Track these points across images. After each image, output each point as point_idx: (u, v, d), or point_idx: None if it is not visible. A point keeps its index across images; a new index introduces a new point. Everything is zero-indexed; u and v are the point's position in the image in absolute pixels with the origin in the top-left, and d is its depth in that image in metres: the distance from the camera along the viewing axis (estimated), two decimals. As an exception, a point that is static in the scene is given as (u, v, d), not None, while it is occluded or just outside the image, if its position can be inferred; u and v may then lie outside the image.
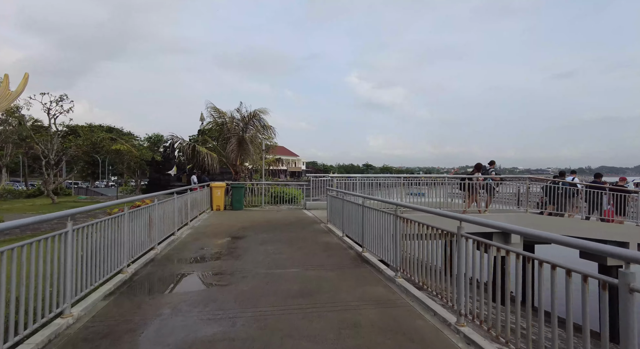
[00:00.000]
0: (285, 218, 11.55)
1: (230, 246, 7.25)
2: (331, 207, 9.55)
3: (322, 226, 9.92)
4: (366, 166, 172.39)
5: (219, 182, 14.16)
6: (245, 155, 16.13)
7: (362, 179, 12.19)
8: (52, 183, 20.50)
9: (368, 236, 6.26)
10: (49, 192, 20.27)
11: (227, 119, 16.37)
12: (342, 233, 8.16)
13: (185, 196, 9.44)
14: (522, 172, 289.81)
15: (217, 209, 13.83)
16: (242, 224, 10.12)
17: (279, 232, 8.89)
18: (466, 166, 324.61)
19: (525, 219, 10.58)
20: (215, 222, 10.62)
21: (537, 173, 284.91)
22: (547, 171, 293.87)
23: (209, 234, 8.59)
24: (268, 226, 9.92)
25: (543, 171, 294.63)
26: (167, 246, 7.06)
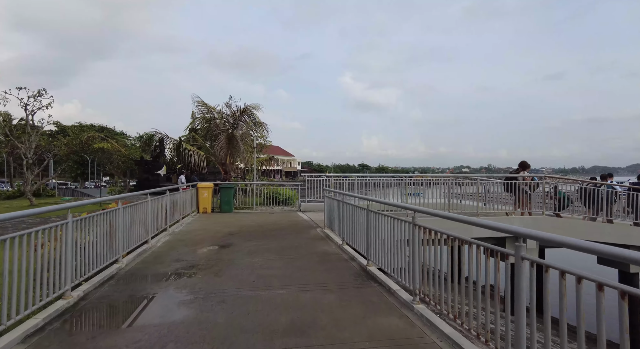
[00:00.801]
0: (278, 222, 10.48)
1: (212, 257, 6.18)
2: (329, 210, 8.50)
3: (318, 231, 8.86)
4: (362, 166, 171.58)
5: (205, 183, 13.06)
6: (236, 153, 15.03)
7: (361, 179, 11.14)
8: (30, 184, 19.21)
9: (374, 247, 5.22)
10: (27, 193, 19.01)
11: (216, 114, 15.25)
12: (341, 240, 7.11)
13: (164, 198, 8.34)
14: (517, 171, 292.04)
15: (203, 212, 12.72)
16: (230, 230, 9.03)
17: (270, 239, 7.82)
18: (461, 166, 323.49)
19: (542, 222, 9.61)
20: (199, 227, 9.52)
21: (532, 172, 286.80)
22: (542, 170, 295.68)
23: (189, 242, 7.50)
24: (258, 231, 8.85)
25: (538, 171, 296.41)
26: (135, 259, 5.97)
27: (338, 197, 7.74)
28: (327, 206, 8.70)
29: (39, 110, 18.94)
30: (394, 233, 4.57)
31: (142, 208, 6.78)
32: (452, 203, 10.01)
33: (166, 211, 8.51)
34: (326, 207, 8.77)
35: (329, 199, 8.46)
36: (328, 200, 8.58)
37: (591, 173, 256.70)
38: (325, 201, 8.79)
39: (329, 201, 8.52)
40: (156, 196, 7.85)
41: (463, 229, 3.84)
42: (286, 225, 9.87)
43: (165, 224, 8.50)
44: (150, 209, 7.13)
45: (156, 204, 7.71)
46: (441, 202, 10.63)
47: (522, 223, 9.48)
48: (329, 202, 8.44)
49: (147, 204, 7.01)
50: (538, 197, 10.18)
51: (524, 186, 9.65)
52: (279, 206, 15.14)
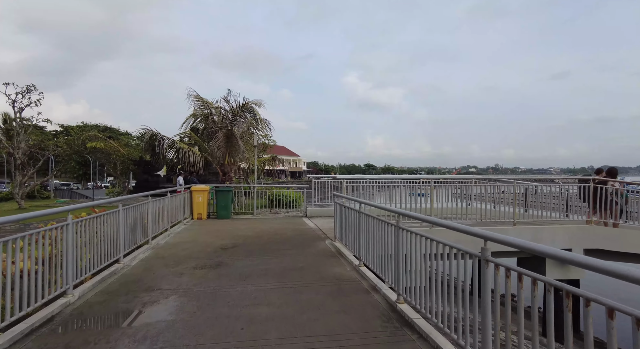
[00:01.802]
0: (281, 231, 9.12)
1: (192, 284, 4.83)
2: (340, 219, 7.12)
3: (327, 244, 7.50)
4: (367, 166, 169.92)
5: (200, 186, 11.74)
6: (235, 152, 13.69)
7: (381, 182, 9.70)
8: (19, 186, 18.06)
9: (409, 279, 3.84)
10: (15, 196, 17.86)
11: (214, 110, 13.91)
12: (357, 260, 5.75)
13: (144, 206, 7.01)
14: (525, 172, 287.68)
15: (198, 218, 11.41)
16: (223, 242, 7.69)
17: (269, 255, 6.47)
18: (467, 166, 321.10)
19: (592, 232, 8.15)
20: (189, 238, 8.19)
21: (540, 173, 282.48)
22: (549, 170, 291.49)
23: (171, 260, 6.16)
24: (257, 244, 7.50)
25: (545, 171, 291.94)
26: (95, 287, 4.64)
27: (352, 205, 6.37)
28: (338, 214, 7.33)
29: (27, 107, 17.78)
30: (448, 268, 3.19)
31: (110, 220, 5.46)
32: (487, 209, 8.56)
33: (148, 220, 7.18)
34: (337, 215, 7.39)
35: (341, 207, 7.08)
36: (339, 207, 7.20)
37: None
38: (336, 208, 7.41)
39: (340, 209, 7.14)
40: (129, 206, 6.54)
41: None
42: (290, 235, 8.51)
43: (147, 236, 7.18)
44: (123, 221, 5.80)
45: (132, 214, 6.39)
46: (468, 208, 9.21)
47: (568, 234, 8.04)
48: (341, 211, 7.06)
49: (118, 215, 5.68)
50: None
51: (612, 196, 8.15)
52: (283, 209, 13.78)
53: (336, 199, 7.51)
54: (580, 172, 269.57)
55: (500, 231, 7.81)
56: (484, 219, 8.40)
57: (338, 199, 7.48)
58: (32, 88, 17.80)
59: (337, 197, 7.51)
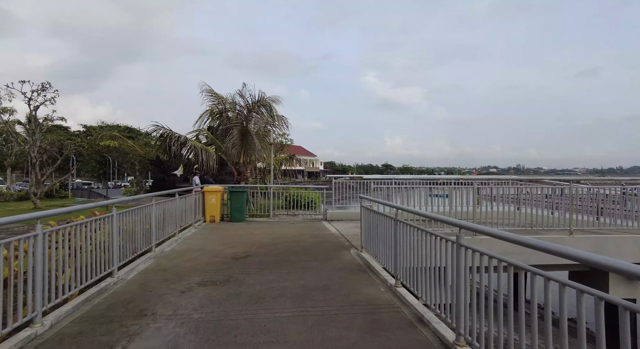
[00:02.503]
0: (300, 237, 8.20)
1: (193, 307, 3.95)
2: (369, 226, 6.13)
3: (352, 254, 6.52)
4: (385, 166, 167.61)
5: (213, 186, 10.96)
6: (250, 151, 12.86)
7: (414, 184, 8.62)
8: (34, 185, 17.80)
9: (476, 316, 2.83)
10: (30, 195, 17.59)
11: (228, 105, 13.11)
12: (392, 277, 4.76)
13: (146, 210, 6.20)
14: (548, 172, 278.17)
15: (211, 221, 10.62)
16: (234, 250, 6.83)
17: (286, 268, 5.54)
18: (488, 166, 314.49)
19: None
20: (197, 245, 7.36)
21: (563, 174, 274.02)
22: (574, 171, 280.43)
23: (173, 273, 5.31)
24: (272, 253, 6.60)
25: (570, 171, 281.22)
26: (76, 309, 3.81)
27: (383, 210, 5.39)
28: (365, 220, 6.33)
29: (42, 105, 17.49)
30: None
31: (102, 226, 4.65)
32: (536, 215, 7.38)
33: (150, 226, 6.38)
34: (364, 221, 6.40)
35: (369, 212, 6.09)
36: (367, 213, 6.21)
37: (631, 174, 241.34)
38: (363, 214, 6.42)
39: (368, 214, 6.14)
40: (121, 211, 5.74)
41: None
42: (310, 243, 7.58)
43: (150, 243, 6.38)
44: (117, 228, 4.98)
45: (131, 219, 5.59)
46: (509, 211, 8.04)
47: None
48: (369, 216, 6.07)
49: (112, 221, 4.87)
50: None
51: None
52: (301, 210, 12.93)
53: (363, 202, 6.52)
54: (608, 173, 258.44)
55: (555, 240, 6.66)
56: (534, 226, 7.24)
57: (365, 203, 6.49)
58: (47, 86, 17.51)
59: (364, 200, 6.52)
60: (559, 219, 7.21)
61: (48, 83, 17.46)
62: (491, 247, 3.45)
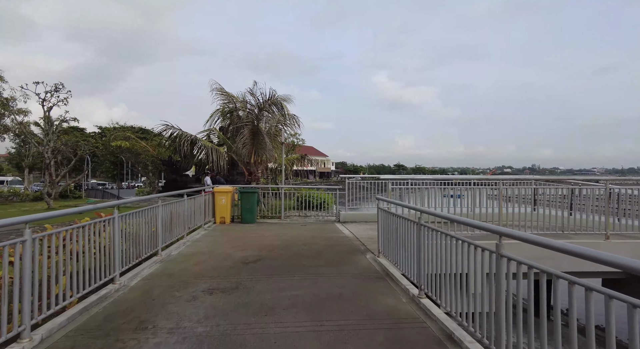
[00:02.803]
0: (312, 240, 7.84)
1: (198, 318, 3.62)
2: (387, 230, 5.73)
3: (369, 259, 6.13)
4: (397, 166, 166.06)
5: (223, 187, 10.68)
6: (261, 150, 12.56)
7: (434, 185, 8.15)
8: (48, 186, 17.89)
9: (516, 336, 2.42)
10: (44, 195, 17.67)
11: (239, 104, 12.82)
12: (414, 287, 4.36)
13: (151, 212, 5.92)
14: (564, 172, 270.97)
15: (221, 222, 10.35)
16: (244, 253, 6.51)
17: (299, 275, 5.19)
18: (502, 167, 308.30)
19: None
20: (206, 248, 7.05)
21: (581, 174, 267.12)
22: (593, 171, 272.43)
23: (179, 279, 5.01)
24: (283, 257, 6.25)
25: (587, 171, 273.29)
26: (71, 320, 3.51)
27: (402, 212, 4.99)
28: (383, 222, 5.93)
29: (55, 106, 17.55)
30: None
31: (102, 230, 4.37)
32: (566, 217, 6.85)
33: (156, 228, 6.10)
34: (382, 224, 6.00)
35: (387, 214, 5.68)
36: (385, 215, 5.80)
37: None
38: (380, 216, 6.01)
39: (386, 217, 5.74)
40: (142, 207, 5.46)
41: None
42: (323, 246, 7.21)
43: (156, 246, 6.10)
44: (119, 232, 4.69)
45: (135, 221, 5.31)
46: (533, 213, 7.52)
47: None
48: (387, 219, 5.66)
49: (114, 224, 4.59)
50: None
51: None
52: (312, 211, 12.54)
53: (380, 204, 6.11)
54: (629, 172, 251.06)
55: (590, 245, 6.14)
56: (565, 230, 6.72)
57: (382, 204, 6.09)
58: (60, 87, 17.57)
59: (380, 201, 6.12)
60: (593, 223, 6.67)
61: (61, 84, 17.54)
62: (521, 252, 3.12)
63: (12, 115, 18.47)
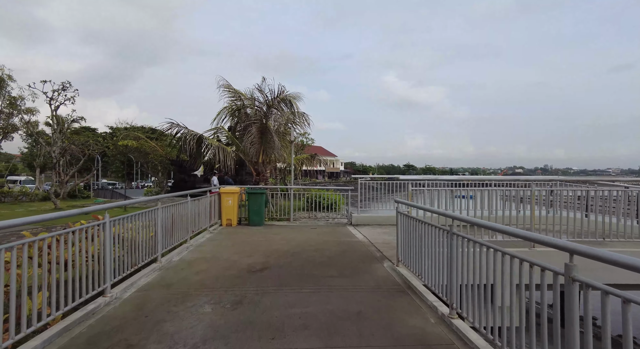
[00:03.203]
0: (324, 245, 7.31)
1: (193, 343, 3.11)
2: (407, 237, 5.16)
3: (387, 268, 5.57)
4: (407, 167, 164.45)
5: (230, 187, 10.21)
6: (270, 149, 12.07)
7: (461, 186, 7.54)
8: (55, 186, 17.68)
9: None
10: (50, 195, 17.48)
11: (246, 101, 12.34)
12: (444, 305, 3.79)
13: (148, 215, 5.45)
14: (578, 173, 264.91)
15: (227, 224, 9.88)
16: (251, 260, 6.00)
17: (310, 287, 4.66)
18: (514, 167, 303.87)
19: None
20: (210, 253, 6.57)
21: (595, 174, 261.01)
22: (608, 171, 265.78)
23: (177, 291, 4.52)
24: (293, 265, 5.72)
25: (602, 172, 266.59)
26: (47, 344, 3.04)
27: (424, 215, 4.43)
28: (403, 228, 5.36)
29: (62, 104, 17.34)
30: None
31: (91, 237, 3.90)
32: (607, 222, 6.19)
33: (155, 233, 5.64)
34: (401, 230, 5.42)
35: (408, 220, 5.11)
36: (405, 220, 5.23)
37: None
38: (400, 221, 5.44)
39: (406, 222, 5.17)
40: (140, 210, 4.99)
41: None
42: (335, 252, 6.66)
43: (155, 253, 5.62)
44: (109, 239, 4.21)
45: (130, 225, 4.84)
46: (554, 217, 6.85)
47: None
48: (408, 225, 5.09)
49: (105, 228, 4.12)
50: None
51: None
52: (322, 212, 12.02)
53: (399, 207, 5.54)
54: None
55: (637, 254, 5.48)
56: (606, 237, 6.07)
57: (402, 208, 5.52)
58: (68, 85, 17.35)
59: (400, 205, 5.55)
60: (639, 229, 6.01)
61: (68, 82, 17.34)
62: (549, 259, 2.65)
63: (20, 114, 18.32)
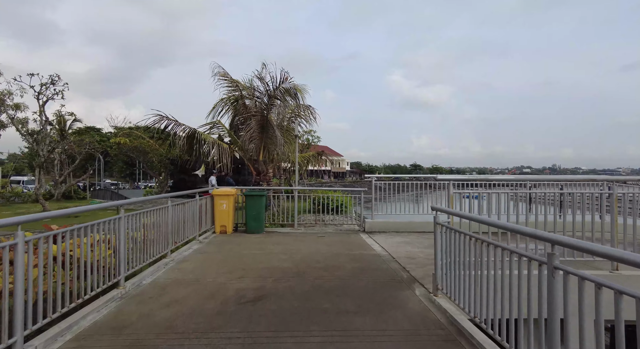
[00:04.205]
0: (334, 260, 5.94)
1: None
2: (453, 257, 3.77)
3: (420, 297, 4.19)
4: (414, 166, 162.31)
5: (224, 189, 8.86)
6: (272, 146, 10.72)
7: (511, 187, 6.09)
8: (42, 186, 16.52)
9: None
10: (38, 197, 16.30)
11: (245, 92, 10.95)
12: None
13: (111, 225, 4.12)
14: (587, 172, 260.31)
15: (222, 232, 8.56)
16: (242, 284, 4.65)
17: (319, 331, 3.30)
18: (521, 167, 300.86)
19: None
20: (192, 273, 5.22)
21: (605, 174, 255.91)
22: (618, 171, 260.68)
23: (129, 339, 3.18)
24: (296, 292, 4.36)
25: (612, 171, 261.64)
26: None
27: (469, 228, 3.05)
28: (445, 245, 3.98)
29: (50, 99, 16.14)
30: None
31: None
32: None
33: (118, 250, 4.31)
34: (443, 247, 4.04)
35: (454, 235, 3.73)
36: (449, 235, 3.85)
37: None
38: (441, 236, 4.05)
39: (451, 238, 3.78)
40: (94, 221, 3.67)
41: None
42: (349, 271, 5.29)
43: (117, 276, 4.30)
44: (21, 266, 2.89)
45: (71, 241, 3.51)
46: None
47: None
48: (454, 241, 3.70)
49: (17, 249, 2.79)
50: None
51: None
52: (330, 215, 10.71)
53: (438, 216, 4.15)
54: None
55: None
56: None
57: (441, 217, 4.14)
58: (56, 79, 16.14)
59: (439, 213, 4.15)
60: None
61: (57, 75, 16.10)
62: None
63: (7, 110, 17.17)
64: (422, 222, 8.78)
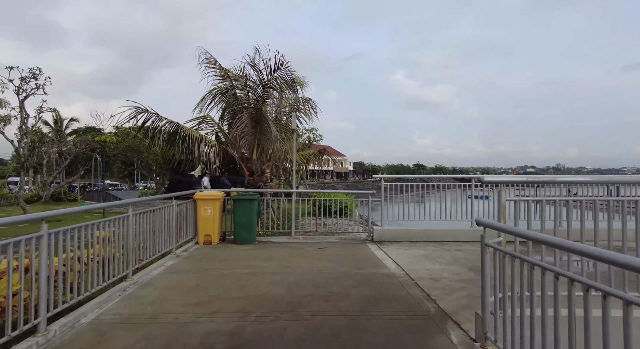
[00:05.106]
0: (337, 286, 4.69)
1: None
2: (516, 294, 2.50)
3: (456, 345, 2.94)
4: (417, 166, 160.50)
5: (209, 192, 7.63)
6: (267, 142, 9.49)
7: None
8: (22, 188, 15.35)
9: None
10: (18, 199, 15.14)
11: (235, 82, 9.66)
12: None
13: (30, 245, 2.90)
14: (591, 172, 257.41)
15: (206, 242, 7.33)
16: (211, 326, 3.42)
17: None
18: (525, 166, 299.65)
19: None
20: (151, 307, 3.98)
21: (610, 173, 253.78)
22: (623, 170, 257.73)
23: None
24: (285, 343, 3.12)
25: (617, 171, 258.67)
26: None
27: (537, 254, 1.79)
28: (502, 277, 2.72)
29: (31, 94, 14.98)
30: None
31: None
32: None
33: (39, 277, 3.10)
34: (498, 278, 2.79)
35: (517, 263, 2.48)
36: (507, 263, 2.60)
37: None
38: (494, 264, 2.80)
39: (511, 266, 2.53)
40: None
41: None
42: (358, 303, 4.04)
43: (37, 317, 3.09)
44: None
45: None
46: None
47: None
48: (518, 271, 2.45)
49: None
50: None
51: None
52: (332, 218, 9.60)
53: (487, 236, 2.89)
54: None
55: None
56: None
57: (491, 238, 2.89)
58: (37, 72, 14.98)
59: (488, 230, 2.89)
60: None
61: (38, 69, 14.95)
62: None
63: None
64: (441, 230, 7.55)
